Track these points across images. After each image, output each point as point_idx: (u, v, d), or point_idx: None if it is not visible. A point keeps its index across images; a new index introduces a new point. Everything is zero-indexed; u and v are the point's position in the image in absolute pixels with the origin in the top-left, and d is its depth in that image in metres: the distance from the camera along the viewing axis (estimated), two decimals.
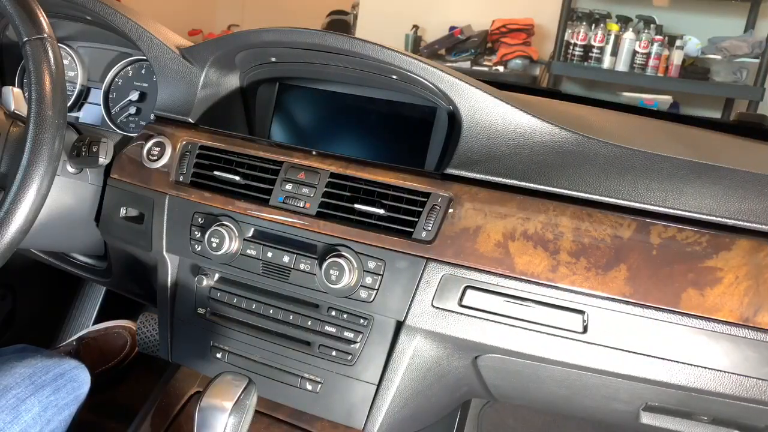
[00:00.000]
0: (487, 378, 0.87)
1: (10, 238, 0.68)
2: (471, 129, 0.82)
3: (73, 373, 0.84)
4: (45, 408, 0.78)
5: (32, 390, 0.78)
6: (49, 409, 0.79)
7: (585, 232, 0.73)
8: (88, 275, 1.14)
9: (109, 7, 0.98)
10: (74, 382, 0.84)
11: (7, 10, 0.71)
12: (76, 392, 0.84)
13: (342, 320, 0.82)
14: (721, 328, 0.69)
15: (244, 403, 0.67)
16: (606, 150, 0.78)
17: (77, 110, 1.17)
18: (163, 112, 0.98)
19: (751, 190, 0.73)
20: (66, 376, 0.83)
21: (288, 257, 0.83)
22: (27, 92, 0.71)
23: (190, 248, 0.88)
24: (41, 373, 0.81)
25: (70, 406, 0.83)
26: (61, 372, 0.83)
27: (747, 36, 3.41)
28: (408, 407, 0.83)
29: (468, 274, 0.75)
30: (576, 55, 3.51)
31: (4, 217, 0.67)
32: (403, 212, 0.80)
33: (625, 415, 0.86)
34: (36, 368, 0.81)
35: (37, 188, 0.68)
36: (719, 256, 0.70)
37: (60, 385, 0.82)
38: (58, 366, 0.83)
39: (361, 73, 0.94)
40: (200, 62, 0.96)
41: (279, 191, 0.85)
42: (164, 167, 0.92)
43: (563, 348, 0.74)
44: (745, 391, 0.70)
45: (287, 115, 1.06)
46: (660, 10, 3.55)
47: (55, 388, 0.81)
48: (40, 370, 0.81)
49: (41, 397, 0.79)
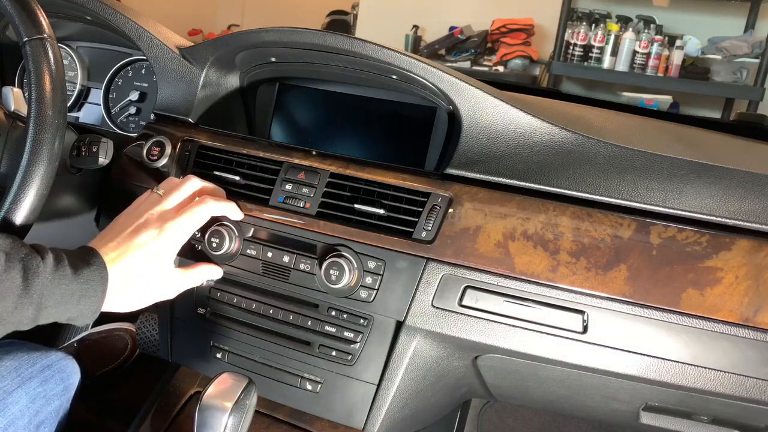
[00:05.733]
0: (487, 378, 0.87)
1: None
2: (471, 129, 0.82)
3: (60, 364, 0.84)
4: (33, 399, 0.78)
5: (19, 382, 0.77)
6: (37, 400, 0.79)
7: (585, 232, 0.73)
8: None
9: (109, 7, 0.98)
10: (62, 373, 0.83)
11: (7, 10, 0.71)
12: (65, 383, 0.83)
13: (342, 320, 0.82)
14: (721, 328, 0.69)
15: (244, 403, 0.67)
16: (606, 150, 0.78)
17: (77, 110, 1.17)
18: (163, 112, 0.98)
19: (751, 190, 0.73)
20: (53, 367, 0.83)
21: (288, 257, 0.83)
22: (27, 92, 0.71)
23: (190, 248, 0.88)
24: (27, 365, 0.80)
25: (59, 397, 0.82)
26: (48, 363, 0.82)
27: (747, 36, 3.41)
28: (408, 407, 0.83)
29: (468, 274, 0.76)
30: (576, 55, 3.51)
31: (4, 217, 0.67)
32: (403, 212, 0.80)
33: (625, 415, 0.86)
34: (22, 360, 0.80)
35: (37, 188, 0.68)
36: (719, 256, 0.70)
37: (48, 377, 0.81)
38: (45, 357, 0.83)
39: (361, 73, 0.94)
40: (200, 62, 0.96)
41: (279, 191, 0.85)
42: (164, 167, 0.92)
43: (563, 348, 0.74)
44: (745, 391, 0.70)
45: (287, 115, 1.06)
46: (660, 10, 3.55)
47: (42, 380, 0.80)
48: (26, 362, 0.80)
49: (28, 389, 0.78)
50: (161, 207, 0.75)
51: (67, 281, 0.62)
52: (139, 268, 0.70)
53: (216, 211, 0.78)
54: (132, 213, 0.75)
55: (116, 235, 0.71)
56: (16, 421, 0.77)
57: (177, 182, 0.79)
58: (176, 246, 0.74)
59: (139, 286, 0.71)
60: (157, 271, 0.72)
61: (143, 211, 0.74)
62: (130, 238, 0.71)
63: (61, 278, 0.62)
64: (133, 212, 0.75)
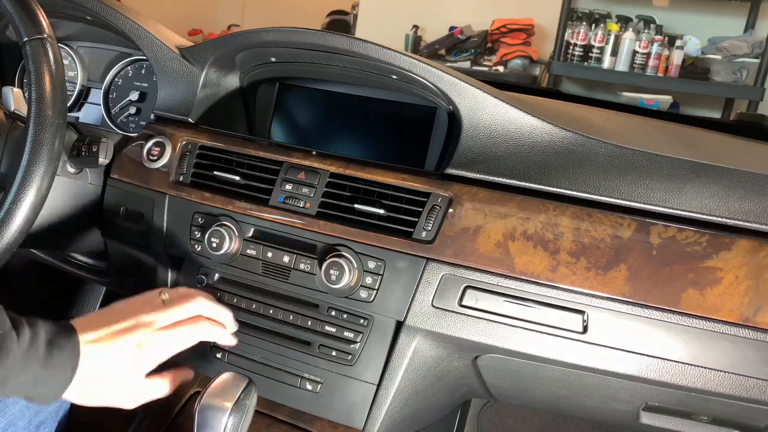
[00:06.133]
0: (487, 378, 0.87)
1: (10, 239, 0.68)
2: (471, 129, 0.82)
3: None
4: None
5: None
6: None
7: (585, 232, 0.73)
8: (88, 275, 1.14)
9: (109, 7, 0.98)
10: None
11: (7, 10, 0.71)
12: None
13: (342, 320, 0.82)
14: (721, 328, 0.69)
15: (244, 403, 0.67)
16: (606, 150, 0.78)
17: (77, 110, 1.17)
18: (163, 112, 0.98)
19: (751, 190, 0.73)
20: None
21: (288, 257, 0.83)
22: (27, 92, 0.71)
23: (190, 248, 0.88)
24: None
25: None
26: None
27: (747, 36, 3.41)
28: (408, 407, 0.83)
29: (468, 274, 0.75)
30: (576, 55, 3.51)
31: (4, 217, 0.67)
32: (403, 212, 0.80)
33: (625, 415, 0.86)
34: None
35: (37, 188, 0.68)
36: (719, 256, 0.70)
37: None
38: None
39: (361, 73, 0.94)
40: (200, 62, 0.96)
41: (279, 191, 0.85)
42: (164, 167, 0.92)
43: (563, 348, 0.74)
44: (745, 391, 0.70)
45: (287, 115, 1.06)
46: (660, 10, 3.55)
47: None
48: None
49: None
50: (158, 316, 0.70)
51: (35, 364, 0.59)
52: (110, 369, 0.66)
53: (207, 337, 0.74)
54: (129, 309, 0.71)
55: (104, 324, 0.67)
56: (17, 422, 0.77)
57: (184, 296, 0.74)
58: (154, 362, 0.70)
59: (104, 388, 0.67)
60: (124, 380, 0.68)
61: (139, 312, 0.70)
62: (113, 337, 0.66)
63: (31, 360, 0.59)
64: (130, 309, 0.71)
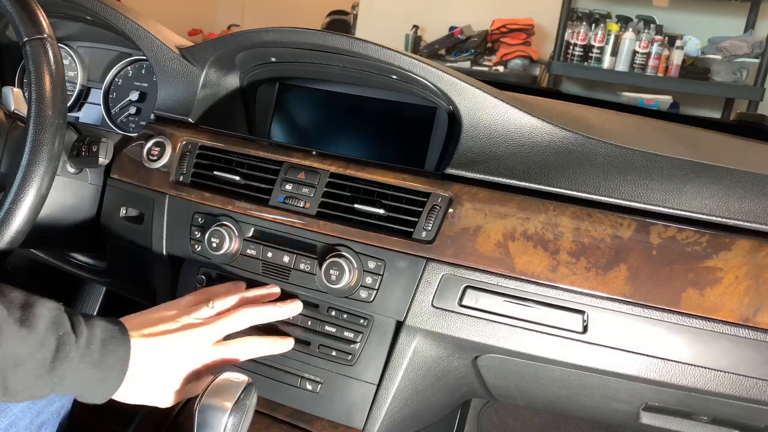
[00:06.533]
0: (487, 378, 0.87)
1: (10, 239, 0.68)
2: (471, 129, 0.82)
3: None
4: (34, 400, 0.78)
5: None
6: (38, 401, 0.79)
7: (585, 232, 0.73)
8: (88, 275, 1.14)
9: (109, 7, 0.98)
10: None
11: (7, 10, 0.71)
12: None
13: (342, 320, 0.82)
14: (721, 328, 0.69)
15: (244, 403, 0.67)
16: (606, 150, 0.78)
17: (77, 110, 1.17)
18: (163, 112, 0.98)
19: (751, 190, 0.73)
20: None
21: (288, 257, 0.83)
22: (27, 92, 0.71)
23: (190, 248, 0.88)
24: None
25: (61, 398, 0.82)
26: None
27: (747, 36, 3.41)
28: (408, 407, 0.83)
29: (468, 274, 0.75)
30: (576, 55, 3.52)
31: (4, 217, 0.67)
32: (403, 212, 0.80)
33: (625, 415, 0.86)
34: None
35: (37, 188, 0.68)
36: (719, 256, 0.70)
37: None
38: None
39: (361, 73, 0.94)
40: (200, 62, 0.96)
41: (279, 191, 0.85)
42: (164, 167, 0.92)
43: (563, 348, 0.74)
44: (745, 391, 0.70)
45: (287, 115, 1.06)
46: (660, 10, 3.55)
47: None
48: None
49: None
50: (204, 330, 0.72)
51: (90, 366, 0.61)
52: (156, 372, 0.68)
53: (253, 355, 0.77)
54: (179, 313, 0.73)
55: (154, 324, 0.69)
56: (18, 422, 0.77)
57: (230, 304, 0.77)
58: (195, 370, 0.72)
59: (148, 388, 0.69)
60: (167, 383, 0.70)
61: (191, 313, 0.72)
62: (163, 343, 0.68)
63: (86, 364, 0.61)
64: (181, 312, 0.73)
